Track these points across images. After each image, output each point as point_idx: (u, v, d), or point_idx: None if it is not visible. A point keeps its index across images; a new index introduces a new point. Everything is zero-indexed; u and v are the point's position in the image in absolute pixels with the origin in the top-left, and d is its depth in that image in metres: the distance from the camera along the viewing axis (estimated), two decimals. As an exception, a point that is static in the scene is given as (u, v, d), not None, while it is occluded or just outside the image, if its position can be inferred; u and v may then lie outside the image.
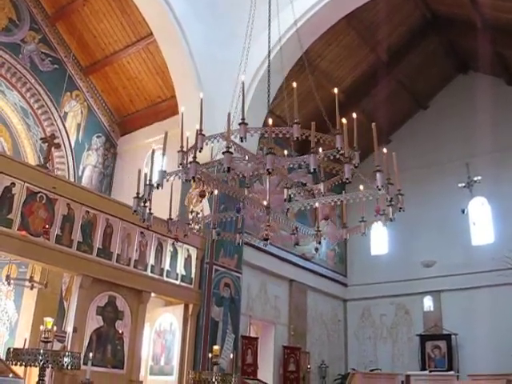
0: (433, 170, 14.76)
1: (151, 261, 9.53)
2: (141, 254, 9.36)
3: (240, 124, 4.33)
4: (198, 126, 4.42)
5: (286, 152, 5.91)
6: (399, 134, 15.75)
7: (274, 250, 12.53)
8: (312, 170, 4.22)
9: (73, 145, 13.48)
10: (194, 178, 4.45)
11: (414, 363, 13.55)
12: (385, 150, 4.87)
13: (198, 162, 4.46)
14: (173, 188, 5.92)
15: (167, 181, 4.92)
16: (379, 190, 4.49)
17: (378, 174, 4.48)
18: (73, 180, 12.54)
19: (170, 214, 5.70)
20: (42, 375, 4.95)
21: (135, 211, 5.21)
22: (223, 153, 4.31)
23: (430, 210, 14.48)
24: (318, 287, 14.47)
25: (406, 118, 16.25)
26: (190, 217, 6.80)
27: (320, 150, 4.51)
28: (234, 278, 10.83)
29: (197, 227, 6.06)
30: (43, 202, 8.16)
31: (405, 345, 14.38)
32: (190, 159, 4.48)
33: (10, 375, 4.39)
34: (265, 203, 5.27)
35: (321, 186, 5.28)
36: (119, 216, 8.96)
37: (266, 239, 5.45)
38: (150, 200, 5.18)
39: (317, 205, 5.79)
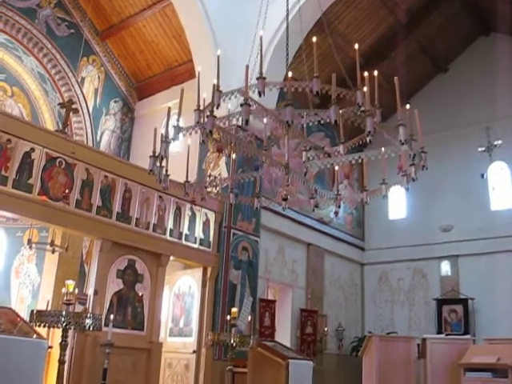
0: (452, 134, 14.59)
1: (170, 225, 9.61)
2: (159, 218, 9.45)
3: (258, 79, 4.22)
4: (215, 85, 4.35)
5: (303, 119, 5.84)
6: (418, 98, 15.52)
7: (292, 213, 12.56)
8: (333, 122, 4.12)
9: (90, 110, 13.51)
10: (211, 131, 4.38)
11: (431, 327, 13.64)
12: (408, 106, 4.78)
13: (215, 116, 4.38)
14: (190, 152, 5.93)
15: (184, 135, 4.87)
16: (402, 144, 4.40)
17: (400, 128, 4.40)
18: (91, 145, 12.60)
19: (187, 177, 5.70)
20: (64, 336, 5.05)
21: (151, 171, 5.18)
22: (241, 105, 4.20)
23: (449, 174, 14.38)
24: (336, 251, 14.53)
25: (425, 81, 15.99)
26: (208, 180, 6.79)
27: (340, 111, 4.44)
28: (251, 242, 10.91)
29: (214, 191, 6.09)
30: (62, 167, 8.23)
31: (421, 309, 14.45)
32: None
33: (34, 336, 4.48)
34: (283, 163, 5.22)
35: (340, 148, 5.23)
36: (138, 180, 9.02)
37: (285, 199, 5.43)
38: (166, 157, 5.13)
39: (336, 168, 5.76)
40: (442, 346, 9.30)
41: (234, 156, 5.95)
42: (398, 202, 15.29)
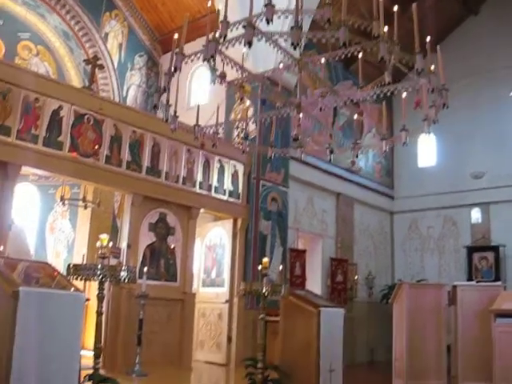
0: (483, 79, 14.18)
1: (199, 177, 9.68)
2: (188, 171, 9.51)
3: (266, 5, 4.00)
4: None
5: (323, 60, 5.71)
6: (448, 43, 15.07)
7: (321, 163, 12.50)
8: (341, 44, 3.95)
9: (116, 65, 13.48)
10: (212, 56, 4.29)
11: (461, 275, 13.62)
12: (428, 39, 4.59)
13: (218, 42, 4.26)
14: (218, 103, 5.92)
15: (185, 63, 4.81)
16: (419, 74, 4.21)
17: (417, 56, 4.21)
18: (118, 101, 12.63)
19: (197, 121, 5.66)
20: (101, 289, 5.19)
21: (155, 106, 5.13)
22: (244, 27, 4.03)
23: (480, 120, 14.08)
24: (365, 200, 14.48)
25: (455, 24, 15.49)
26: (236, 132, 6.78)
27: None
28: (280, 193, 10.95)
29: (243, 142, 6.08)
30: (91, 123, 8.29)
31: (451, 256, 14.41)
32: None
33: (72, 289, 4.60)
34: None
35: (365, 93, 5.11)
36: (165, 134, 9.05)
37: (296, 139, 5.40)
38: (168, 89, 5.06)
39: (358, 96, 5.53)
40: (472, 293, 9.28)
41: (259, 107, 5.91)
42: (427, 150, 15.09)
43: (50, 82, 8.17)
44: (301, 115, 5.22)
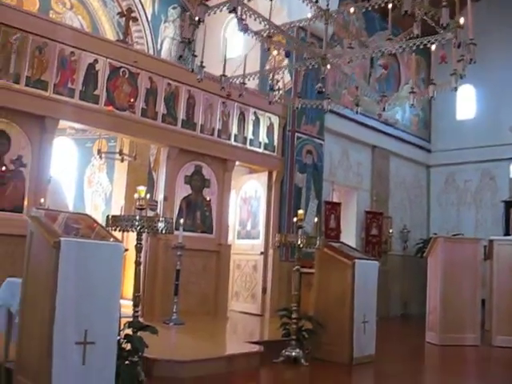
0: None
1: (234, 130, 9.68)
2: (224, 124, 9.51)
3: None
4: None
5: (352, 9, 5.58)
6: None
7: (356, 115, 12.30)
8: None
9: (149, 18, 13.37)
10: (235, 9, 4.23)
11: (498, 229, 13.42)
12: None
13: None
14: (252, 57, 5.86)
15: (208, 15, 4.78)
16: (444, 28, 4.08)
17: (443, 10, 4.08)
18: (152, 53, 12.59)
19: (224, 71, 5.62)
20: (139, 239, 5.28)
21: (180, 56, 5.13)
22: None
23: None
24: (401, 153, 14.29)
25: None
26: (271, 84, 6.71)
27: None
28: (316, 145, 10.88)
29: (278, 94, 6.05)
30: (126, 76, 8.31)
31: (488, 211, 14.21)
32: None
33: (111, 239, 4.70)
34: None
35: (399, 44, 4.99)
36: (200, 87, 9.02)
37: (321, 92, 5.34)
38: (193, 40, 5.04)
39: (388, 47, 5.44)
40: (509, 248, 9.21)
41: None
42: (466, 102, 14.74)
43: (85, 36, 8.17)
44: (328, 67, 5.14)
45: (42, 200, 7.11)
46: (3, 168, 7.01)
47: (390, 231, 13.45)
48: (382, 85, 12.74)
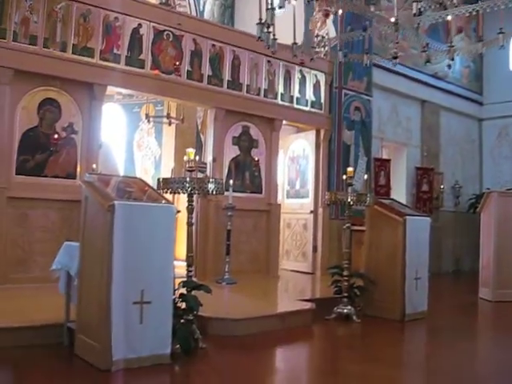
0: None
1: (280, 89, 9.60)
2: (270, 83, 9.44)
3: None
4: None
5: None
6: None
7: (405, 70, 12.02)
8: None
9: (191, -21, 13.27)
10: None
11: (554, 182, 13.08)
12: None
13: None
14: (296, 13, 5.76)
15: (289, 3, 4.76)
16: None
17: None
18: (195, 15, 12.53)
19: (295, 38, 5.59)
20: (190, 201, 5.36)
21: (259, 38, 5.16)
22: None
23: None
24: (452, 107, 13.91)
25: None
26: (316, 41, 6.61)
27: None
28: (363, 101, 10.70)
29: (323, 50, 5.95)
30: (170, 39, 8.31)
31: (545, 164, 13.84)
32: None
33: (163, 201, 4.79)
34: (393, 19, 4.99)
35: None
36: (245, 47, 8.97)
37: (395, 57, 5.24)
38: (272, 25, 5.07)
39: (449, 18, 5.40)
40: None
41: (340, 12, 5.72)
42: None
43: (128, 1, 8.14)
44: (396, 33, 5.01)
45: (94, 165, 7.27)
46: (55, 136, 7.18)
47: (442, 187, 13.23)
48: (434, 36, 12.34)
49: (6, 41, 6.73)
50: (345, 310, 6.76)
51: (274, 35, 5.32)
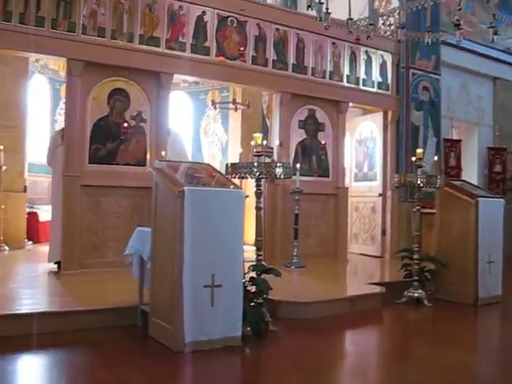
0: None
1: (346, 71, 9.47)
2: (335, 65, 9.34)
3: None
4: None
5: None
6: None
7: (475, 46, 11.60)
8: None
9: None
10: None
11: None
12: None
13: None
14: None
15: None
16: None
17: None
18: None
19: (350, 14, 5.47)
20: (258, 186, 5.40)
21: (320, 18, 5.06)
22: None
23: None
24: (527, 83, 13.38)
25: None
26: (381, 20, 6.46)
27: None
28: (432, 81, 10.41)
29: (388, 29, 5.83)
30: (234, 25, 8.34)
31: None
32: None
33: (232, 186, 4.84)
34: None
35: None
36: (309, 29, 8.89)
37: (458, 24, 5.08)
38: None
39: None
40: None
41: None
42: None
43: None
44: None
45: (163, 153, 7.43)
46: (125, 125, 7.37)
47: (515, 167, 12.78)
48: (504, 10, 11.83)
49: (75, 34, 6.95)
50: (415, 294, 6.67)
51: (327, 8, 5.21)
